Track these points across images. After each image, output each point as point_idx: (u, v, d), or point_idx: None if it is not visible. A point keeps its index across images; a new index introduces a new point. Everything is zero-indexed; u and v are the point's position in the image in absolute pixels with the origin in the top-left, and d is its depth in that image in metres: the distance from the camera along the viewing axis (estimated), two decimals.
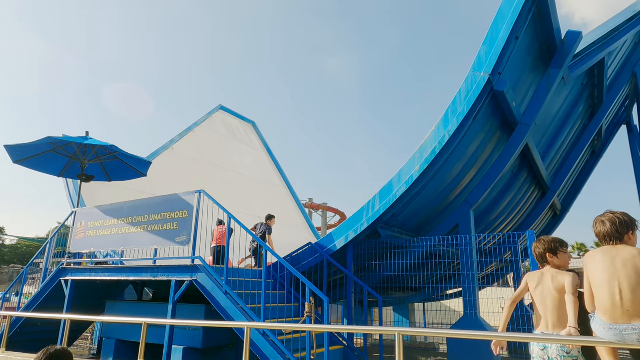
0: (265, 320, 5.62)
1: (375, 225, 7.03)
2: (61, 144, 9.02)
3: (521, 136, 7.54)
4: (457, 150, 6.93)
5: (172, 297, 6.59)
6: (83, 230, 8.47)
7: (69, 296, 8.15)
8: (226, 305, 5.97)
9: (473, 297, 6.92)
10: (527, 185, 11.53)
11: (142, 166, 9.79)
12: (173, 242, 6.87)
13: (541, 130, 9.40)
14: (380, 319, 6.76)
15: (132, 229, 7.55)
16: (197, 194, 6.85)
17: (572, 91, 10.02)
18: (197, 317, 7.04)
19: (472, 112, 6.41)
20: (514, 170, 9.84)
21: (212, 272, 6.26)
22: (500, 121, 7.71)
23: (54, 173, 9.96)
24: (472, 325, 6.64)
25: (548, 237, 3.20)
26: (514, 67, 6.90)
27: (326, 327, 4.07)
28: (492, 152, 8.20)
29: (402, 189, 6.66)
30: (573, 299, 2.86)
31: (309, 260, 7.41)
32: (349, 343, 6.68)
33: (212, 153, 19.38)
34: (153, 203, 7.41)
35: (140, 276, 7.21)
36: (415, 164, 6.65)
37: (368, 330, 3.46)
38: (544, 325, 3.01)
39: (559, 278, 3.01)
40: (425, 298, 13.60)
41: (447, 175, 7.40)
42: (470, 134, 6.95)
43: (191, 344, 7.07)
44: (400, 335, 3.47)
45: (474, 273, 6.90)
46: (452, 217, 7.73)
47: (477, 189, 8.04)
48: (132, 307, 8.48)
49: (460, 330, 3.34)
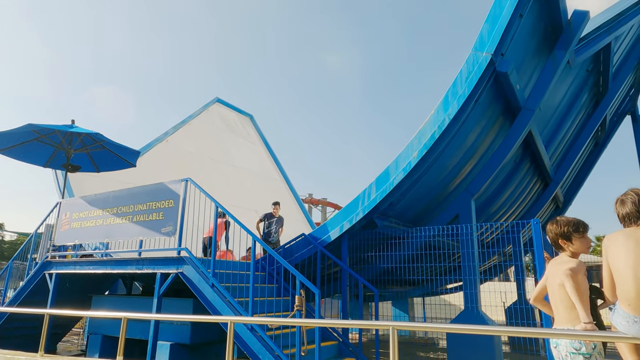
0: (254, 314, 5.29)
1: (371, 215, 6.68)
2: (45, 132, 8.67)
3: (525, 122, 7.18)
4: (457, 136, 6.58)
5: (157, 290, 6.26)
6: (67, 221, 8.14)
7: (53, 290, 7.82)
8: (213, 299, 5.64)
9: (474, 289, 6.59)
10: (530, 176, 11.18)
11: (131, 156, 9.44)
12: (159, 233, 6.54)
13: (545, 118, 9.04)
14: (375, 313, 6.42)
15: (117, 219, 7.22)
16: (184, 182, 6.51)
17: (577, 78, 9.66)
18: (184, 311, 6.72)
19: (473, 94, 6.05)
20: (516, 159, 9.49)
21: (198, 264, 5.93)
22: (502, 106, 7.35)
23: (39, 163, 9.61)
24: (472, 319, 6.31)
25: (563, 219, 2.76)
26: (517, 47, 6.53)
27: (316, 322, 3.75)
28: (494, 139, 7.84)
29: (400, 177, 6.30)
30: (571, 283, 2.44)
31: (302, 252, 7.07)
32: (344, 338, 6.36)
33: (209, 146, 19.04)
34: (138, 192, 7.07)
35: (125, 269, 6.89)
36: (414, 150, 6.29)
37: (361, 325, 3.14)
38: (556, 322, 2.67)
39: (563, 267, 2.64)
40: (424, 292, 13.29)
41: (447, 163, 7.04)
42: (471, 118, 6.59)
43: (179, 340, 6.75)
44: (395, 330, 3.14)
45: (475, 264, 6.56)
46: (452, 207, 7.39)
47: (478, 178, 7.69)
48: (119, 301, 8.16)
49: (459, 325, 3.00)
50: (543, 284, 2.83)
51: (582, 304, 2.42)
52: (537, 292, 2.92)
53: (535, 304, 2.94)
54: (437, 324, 3.64)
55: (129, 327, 7.58)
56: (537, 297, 2.92)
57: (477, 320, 6.28)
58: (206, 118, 20.57)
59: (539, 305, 2.93)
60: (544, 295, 2.87)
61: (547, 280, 2.77)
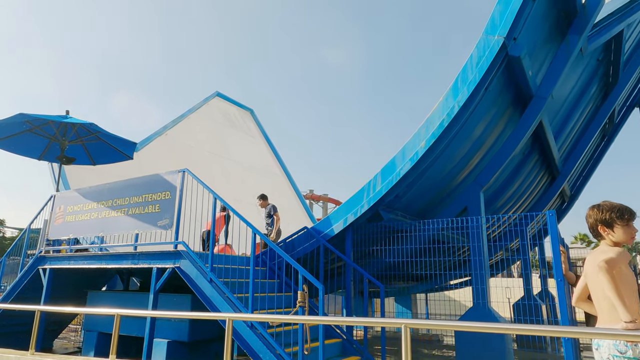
0: (254, 311, 5.02)
1: (376, 208, 6.40)
2: (38, 123, 8.39)
3: (536, 110, 6.88)
4: (466, 125, 6.28)
5: (154, 286, 6.00)
6: (62, 215, 7.87)
7: (47, 286, 7.57)
8: (211, 294, 5.38)
9: (484, 285, 6.31)
10: (537, 169, 10.90)
11: (127, 148, 9.15)
12: (155, 226, 6.27)
13: (554, 109, 8.74)
14: (382, 310, 6.15)
15: (113, 212, 6.95)
16: (181, 173, 6.23)
17: (587, 67, 9.35)
18: (182, 308, 6.46)
19: (484, 80, 5.75)
20: (525, 151, 9.20)
21: (196, 259, 5.66)
22: (513, 95, 7.05)
23: (33, 156, 9.33)
24: (482, 316, 6.04)
25: (607, 203, 2.47)
26: (530, 32, 6.22)
27: (320, 319, 3.47)
28: (503, 129, 7.55)
29: (407, 167, 6.01)
30: (605, 276, 2.15)
31: (305, 247, 6.79)
32: (348, 336, 6.09)
33: (209, 140, 18.78)
34: (134, 184, 6.80)
35: (121, 264, 6.63)
36: (421, 140, 6.00)
37: (369, 323, 2.87)
38: (599, 322, 2.37)
39: (600, 258, 2.32)
40: (428, 288, 13.03)
41: (455, 153, 6.75)
42: (481, 106, 6.29)
43: (177, 337, 6.50)
44: (407, 328, 2.87)
45: (485, 258, 6.29)
46: (460, 199, 7.10)
47: (487, 170, 7.41)
48: (116, 297, 7.89)
49: (472, 323, 2.72)
50: (584, 281, 2.51)
51: (619, 300, 2.12)
52: (578, 292, 2.58)
53: (578, 305, 2.60)
54: (450, 321, 3.33)
55: (126, 325, 7.37)
56: (580, 297, 2.58)
57: (488, 316, 6.01)
58: (206, 112, 20.30)
59: (584, 306, 2.58)
60: (587, 294, 2.53)
61: (586, 276, 2.46)
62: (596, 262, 2.30)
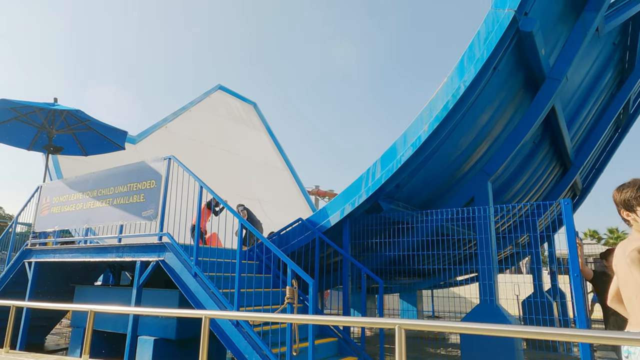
0: (240, 308, 4.63)
1: (376, 197, 5.96)
2: (25, 111, 8.06)
3: (549, 94, 6.39)
4: (473, 108, 5.82)
5: (137, 280, 5.63)
6: (48, 206, 7.54)
7: (32, 280, 7.25)
8: (196, 290, 4.99)
9: (491, 280, 5.86)
10: (548, 160, 10.39)
11: (118, 137, 8.79)
12: (139, 217, 5.89)
13: (568, 95, 8.22)
14: (379, 307, 5.71)
15: (97, 203, 6.59)
16: (166, 160, 5.84)
17: (603, 51, 8.80)
18: (170, 303, 6.09)
19: (493, 58, 5.27)
20: (536, 140, 8.70)
21: (180, 251, 5.27)
22: (524, 77, 6.56)
23: (22, 146, 9.01)
24: (490, 314, 5.59)
25: (631, 181, 2.00)
26: (543, 6, 5.72)
27: (307, 318, 3.07)
28: (513, 114, 7.07)
29: (408, 153, 5.56)
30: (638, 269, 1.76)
31: (299, 240, 6.37)
32: (345, 334, 5.68)
33: (210, 134, 18.43)
34: (119, 173, 6.43)
35: (105, 257, 6.27)
36: (424, 123, 5.54)
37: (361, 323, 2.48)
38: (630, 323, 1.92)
39: (630, 246, 1.89)
40: (434, 284, 12.57)
41: (461, 139, 6.29)
42: (489, 88, 5.82)
43: (164, 335, 6.12)
44: (402, 330, 2.46)
45: (493, 251, 5.83)
46: (466, 189, 6.64)
47: (495, 158, 6.93)
48: (104, 292, 7.57)
49: (478, 324, 2.29)
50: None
51: None
52: (613, 291, 2.14)
53: (613, 306, 2.14)
54: (452, 322, 2.88)
55: (113, 321, 7.03)
56: (615, 296, 2.13)
57: (495, 315, 5.56)
58: (208, 105, 19.96)
59: (619, 307, 2.13)
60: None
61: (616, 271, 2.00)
62: (626, 253, 1.86)
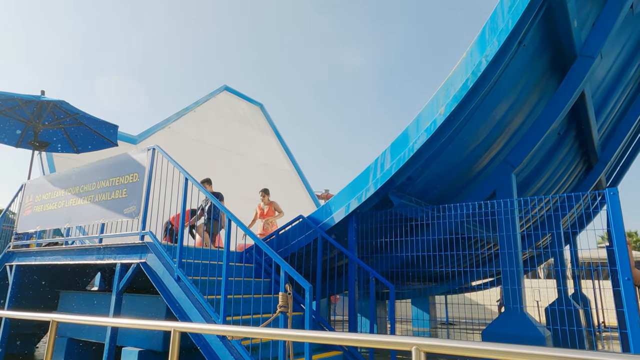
0: (228, 317, 3.97)
1: (385, 191, 5.27)
2: (9, 105, 7.54)
3: (581, 74, 5.65)
4: (496, 88, 5.11)
5: (117, 285, 5.01)
6: (31, 205, 7.00)
7: (13, 285, 6.70)
8: (178, 296, 4.35)
9: (516, 284, 5.12)
10: (573, 154, 9.59)
11: (109, 133, 8.23)
12: (121, 214, 5.29)
13: (598, 79, 7.45)
14: (390, 316, 5.00)
15: (79, 200, 6.01)
16: (150, 150, 5.23)
17: (635, 32, 8.01)
18: (155, 311, 5.47)
19: (518, 29, 4.57)
20: (561, 131, 7.93)
21: (162, 252, 4.65)
22: (551, 56, 5.84)
23: (10, 143, 8.51)
24: (519, 325, 4.84)
25: None
26: None
27: (302, 335, 2.40)
28: (538, 100, 6.34)
29: (422, 140, 4.87)
30: None
31: (300, 240, 5.69)
32: (351, 347, 4.99)
33: (216, 135, 17.97)
34: (101, 167, 5.84)
35: (85, 259, 5.67)
36: (440, 105, 4.85)
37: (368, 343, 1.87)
38: None
39: None
40: (449, 289, 11.77)
41: (480, 126, 5.58)
42: (513, 66, 5.12)
43: (149, 346, 5.50)
44: (420, 352, 1.79)
45: (517, 252, 5.09)
46: (487, 183, 5.92)
47: (519, 148, 6.20)
48: (91, 298, 6.96)
49: (520, 347, 1.51)
50: None
51: None
52: None
53: None
54: (485, 344, 2.09)
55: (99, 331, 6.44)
56: None
57: (525, 326, 4.81)
58: (213, 106, 19.52)
59: None
60: None
61: None
62: None
